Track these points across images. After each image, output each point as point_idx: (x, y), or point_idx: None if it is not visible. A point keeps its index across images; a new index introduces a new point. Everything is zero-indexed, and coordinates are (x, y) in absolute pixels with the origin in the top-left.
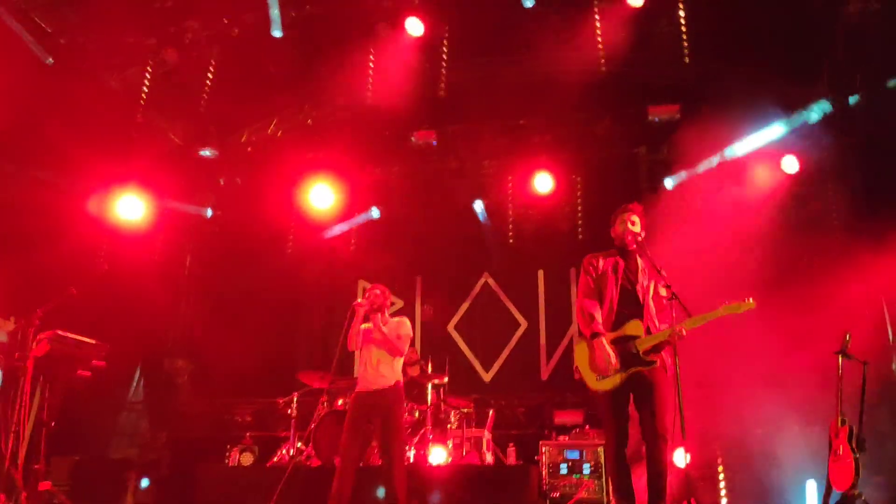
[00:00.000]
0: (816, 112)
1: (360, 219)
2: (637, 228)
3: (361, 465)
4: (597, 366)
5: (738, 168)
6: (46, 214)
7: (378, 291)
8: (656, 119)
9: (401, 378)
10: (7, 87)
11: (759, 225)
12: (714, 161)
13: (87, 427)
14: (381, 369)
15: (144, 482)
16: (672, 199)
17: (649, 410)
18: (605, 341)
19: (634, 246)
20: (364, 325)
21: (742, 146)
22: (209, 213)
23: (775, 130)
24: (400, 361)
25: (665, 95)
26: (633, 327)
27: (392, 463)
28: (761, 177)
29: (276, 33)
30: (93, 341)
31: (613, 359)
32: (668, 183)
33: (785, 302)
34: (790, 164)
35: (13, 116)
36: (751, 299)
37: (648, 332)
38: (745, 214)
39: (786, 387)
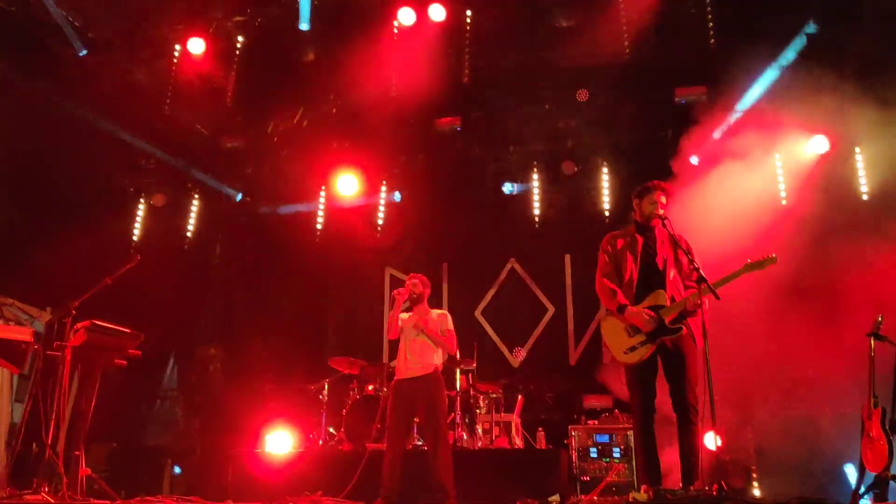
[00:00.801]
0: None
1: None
2: (660, 205)
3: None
4: (619, 341)
5: (765, 145)
6: (78, 206)
7: (417, 281)
8: (683, 101)
9: (440, 365)
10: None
11: (789, 204)
12: (740, 139)
13: (124, 415)
14: (423, 357)
15: (176, 469)
16: (697, 176)
17: (679, 381)
18: (628, 314)
19: (655, 219)
20: (404, 314)
21: (769, 124)
22: (238, 196)
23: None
24: (440, 350)
25: (691, 77)
26: (657, 297)
27: (437, 448)
28: (791, 155)
29: (304, 26)
30: (127, 330)
31: (647, 316)
32: (694, 160)
33: (817, 283)
34: (819, 144)
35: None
36: (773, 254)
37: (673, 300)
38: (774, 193)
39: (818, 369)
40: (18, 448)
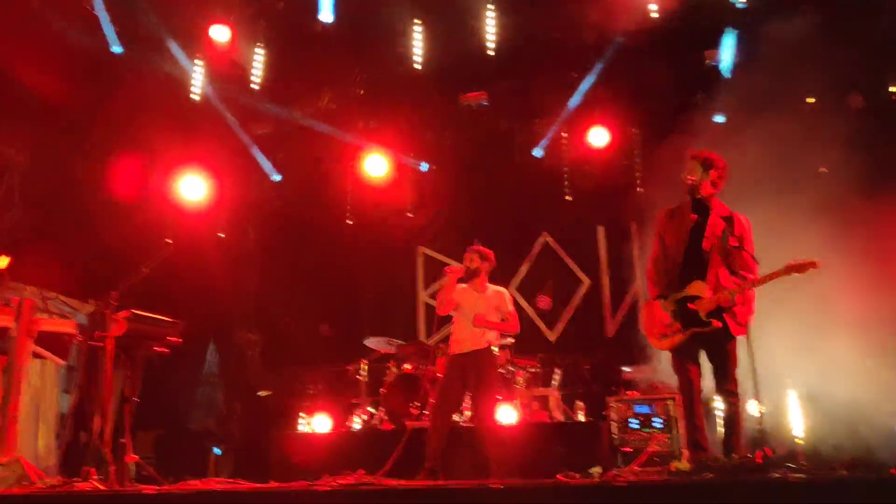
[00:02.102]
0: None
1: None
2: (696, 175)
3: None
4: (654, 326)
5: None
6: (114, 200)
7: (475, 255)
8: (713, 63)
9: (494, 341)
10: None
11: (833, 160)
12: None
13: (167, 401)
14: (476, 332)
15: (216, 450)
16: (730, 136)
17: (717, 368)
18: (660, 304)
19: (701, 196)
20: (461, 286)
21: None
22: (278, 177)
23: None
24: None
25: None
26: (696, 288)
27: (484, 425)
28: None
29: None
30: (167, 318)
31: (668, 321)
32: (719, 118)
33: (864, 243)
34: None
35: (83, 102)
36: (816, 260)
37: (717, 290)
38: (814, 149)
39: (866, 331)
40: (67, 437)
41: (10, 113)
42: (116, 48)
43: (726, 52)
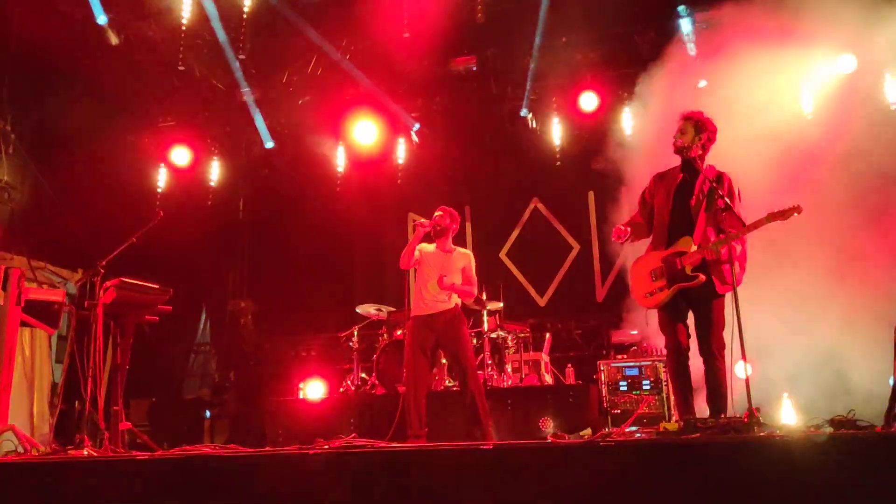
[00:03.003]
0: None
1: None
2: (688, 137)
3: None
4: (640, 286)
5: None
6: (101, 168)
7: (444, 213)
8: (704, 25)
9: (459, 301)
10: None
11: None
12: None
13: (161, 370)
14: (440, 292)
15: (207, 413)
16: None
17: (702, 327)
18: (621, 226)
19: (691, 156)
20: (427, 246)
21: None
22: (271, 144)
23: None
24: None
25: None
26: (684, 243)
27: (467, 384)
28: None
29: None
30: (156, 286)
31: (645, 285)
32: (702, 83)
33: (848, 202)
34: (847, 63)
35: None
36: (798, 205)
37: (702, 245)
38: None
39: (851, 290)
40: (60, 406)
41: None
42: (102, 18)
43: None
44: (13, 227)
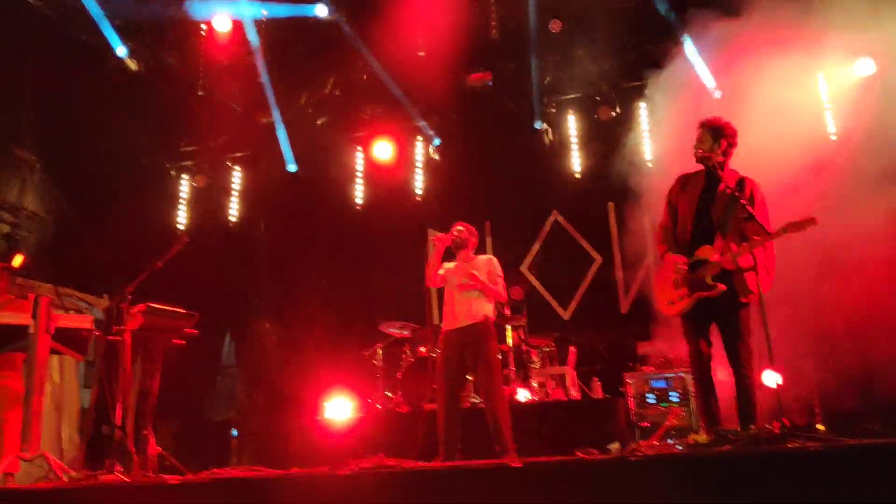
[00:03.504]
0: None
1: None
2: (707, 145)
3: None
4: (663, 294)
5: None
6: (124, 195)
7: (463, 228)
8: (711, 42)
9: (490, 314)
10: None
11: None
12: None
13: (187, 393)
14: (470, 307)
15: (234, 432)
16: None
17: (727, 336)
18: (669, 258)
19: (711, 164)
20: (449, 264)
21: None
22: (294, 168)
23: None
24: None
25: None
26: (703, 252)
27: (492, 401)
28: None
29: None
30: (182, 310)
31: (680, 266)
32: (717, 94)
33: (876, 208)
34: (866, 66)
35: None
36: (813, 216)
37: (723, 253)
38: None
39: (880, 302)
40: (90, 431)
41: (26, 115)
42: (121, 49)
43: None
44: (40, 254)
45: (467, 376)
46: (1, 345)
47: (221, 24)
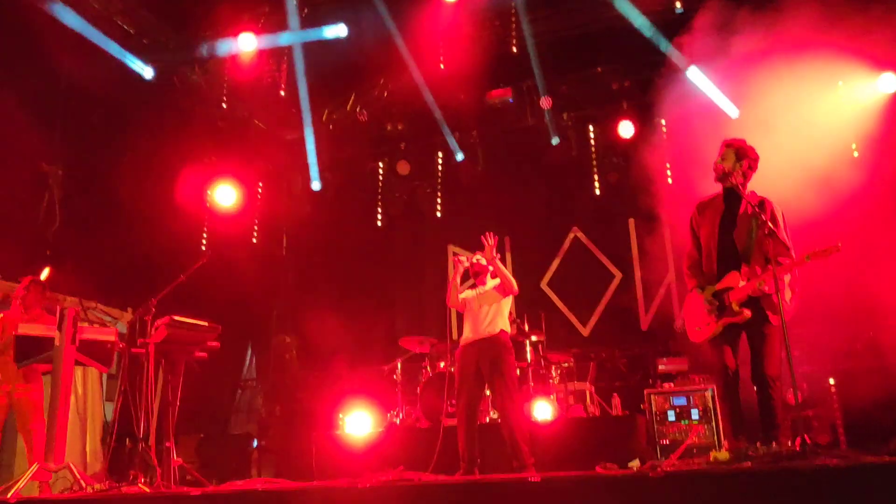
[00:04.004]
0: None
1: None
2: (729, 164)
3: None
4: (692, 319)
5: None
6: (148, 209)
7: (478, 259)
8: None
9: (507, 328)
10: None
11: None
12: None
13: (208, 406)
14: (489, 321)
15: (255, 443)
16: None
17: (754, 352)
18: (697, 293)
19: (731, 184)
20: (470, 292)
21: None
22: (317, 185)
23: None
24: (507, 310)
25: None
26: (731, 279)
27: (508, 415)
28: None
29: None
30: (205, 323)
31: (708, 308)
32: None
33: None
34: (890, 82)
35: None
36: (839, 243)
37: (750, 279)
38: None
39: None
40: (113, 443)
41: (51, 130)
42: (148, 72)
43: None
44: (65, 267)
45: (486, 391)
46: (27, 356)
47: (246, 44)
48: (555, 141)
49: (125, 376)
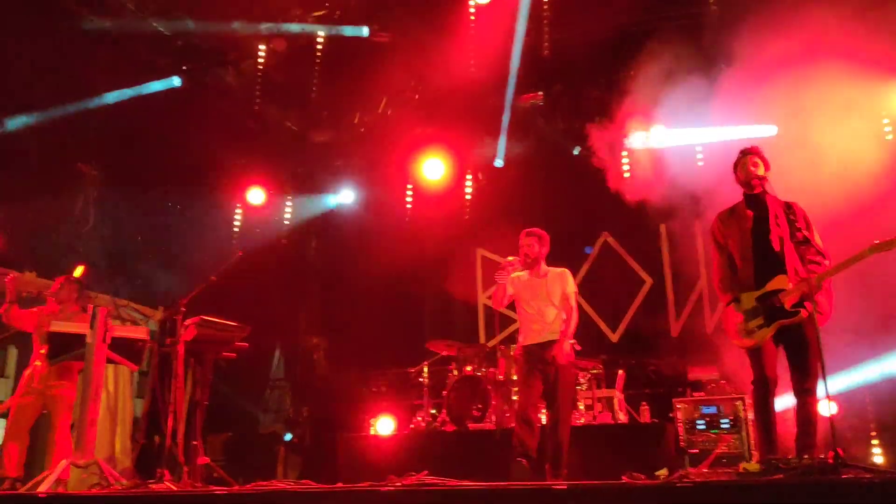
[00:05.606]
0: None
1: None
2: (761, 171)
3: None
4: (734, 327)
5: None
6: (180, 211)
7: (532, 241)
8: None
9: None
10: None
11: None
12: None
13: (236, 405)
14: (549, 323)
15: (287, 436)
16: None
17: (797, 363)
18: (734, 308)
19: (761, 190)
20: (519, 274)
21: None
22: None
23: None
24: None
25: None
26: (778, 282)
27: (558, 419)
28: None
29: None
30: (234, 324)
31: (743, 321)
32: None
33: None
34: None
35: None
36: None
37: (798, 280)
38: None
39: None
40: (142, 440)
41: (86, 131)
42: (176, 81)
43: None
44: (98, 266)
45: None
46: (60, 353)
47: (278, 44)
48: (576, 151)
49: (155, 374)
